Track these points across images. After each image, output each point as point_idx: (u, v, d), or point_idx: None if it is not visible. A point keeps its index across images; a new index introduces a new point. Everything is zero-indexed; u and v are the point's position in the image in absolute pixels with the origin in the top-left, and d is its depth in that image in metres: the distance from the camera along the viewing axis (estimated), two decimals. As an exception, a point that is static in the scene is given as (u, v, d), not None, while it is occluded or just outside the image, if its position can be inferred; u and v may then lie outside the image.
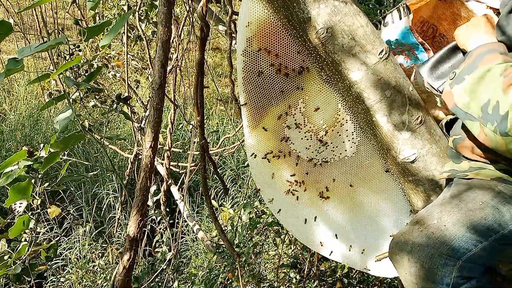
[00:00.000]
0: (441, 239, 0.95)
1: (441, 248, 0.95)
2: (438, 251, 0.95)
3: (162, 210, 2.82)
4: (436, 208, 1.03)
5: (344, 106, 1.26)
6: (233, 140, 4.21)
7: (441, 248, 0.95)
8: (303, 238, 1.47)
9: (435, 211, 1.02)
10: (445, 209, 1.00)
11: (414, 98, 1.14)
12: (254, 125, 1.32)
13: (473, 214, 0.96)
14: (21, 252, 1.43)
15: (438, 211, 1.01)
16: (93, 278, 2.97)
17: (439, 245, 0.95)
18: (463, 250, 0.94)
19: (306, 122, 1.31)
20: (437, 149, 1.16)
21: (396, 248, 1.04)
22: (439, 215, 0.99)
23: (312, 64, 1.21)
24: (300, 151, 1.35)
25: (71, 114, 1.18)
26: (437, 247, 0.95)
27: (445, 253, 0.94)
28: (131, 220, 1.02)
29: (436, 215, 1.00)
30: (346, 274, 2.30)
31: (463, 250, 0.94)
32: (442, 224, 0.97)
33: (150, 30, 2.78)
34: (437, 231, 0.97)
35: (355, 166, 1.36)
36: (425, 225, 0.99)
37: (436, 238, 0.96)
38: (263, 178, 1.39)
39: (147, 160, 1.02)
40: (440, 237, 0.96)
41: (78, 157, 4.12)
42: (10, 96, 5.14)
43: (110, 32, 1.05)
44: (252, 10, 1.15)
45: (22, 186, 1.21)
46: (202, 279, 2.51)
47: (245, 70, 1.23)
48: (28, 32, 5.77)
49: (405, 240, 1.01)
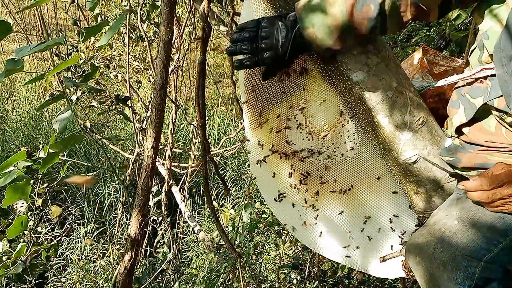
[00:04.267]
0: (463, 240, 0.94)
1: (464, 249, 0.93)
2: (461, 252, 0.94)
3: (163, 211, 2.82)
4: (453, 208, 1.01)
5: (345, 107, 1.26)
6: (234, 140, 4.21)
7: (464, 249, 0.93)
8: (303, 238, 1.47)
9: (453, 211, 1.00)
10: (463, 208, 0.99)
11: (416, 99, 1.14)
12: (255, 126, 1.32)
13: (490, 213, 0.96)
14: (20, 252, 1.43)
15: (455, 210, 1.00)
16: (94, 278, 2.97)
17: (462, 246, 0.94)
18: (484, 251, 0.93)
19: (307, 123, 1.31)
20: (439, 150, 1.16)
21: (415, 249, 1.02)
22: (459, 215, 0.98)
23: (314, 64, 1.21)
24: (301, 152, 1.35)
25: (71, 115, 1.18)
26: (460, 249, 0.94)
27: (468, 254, 0.93)
28: (132, 220, 1.02)
29: (455, 215, 0.99)
30: (347, 275, 2.29)
31: (484, 251, 0.93)
32: (463, 224, 0.96)
33: (151, 31, 2.78)
34: (459, 232, 0.96)
35: (356, 167, 1.36)
36: (446, 226, 0.98)
37: (459, 239, 0.95)
38: (264, 178, 1.39)
39: (149, 161, 1.02)
40: (463, 238, 0.94)
41: (79, 158, 4.13)
42: (12, 97, 5.15)
43: (108, 32, 1.05)
44: (254, 11, 1.15)
45: (19, 186, 1.19)
46: (203, 279, 2.51)
47: (246, 71, 1.23)
48: (30, 32, 5.78)
49: (426, 241, 1.00)
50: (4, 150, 4.22)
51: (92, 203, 3.83)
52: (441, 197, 1.17)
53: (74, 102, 1.63)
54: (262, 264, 2.63)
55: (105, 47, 3.00)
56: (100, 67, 3.06)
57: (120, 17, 1.05)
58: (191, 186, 3.88)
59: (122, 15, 1.05)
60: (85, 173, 3.94)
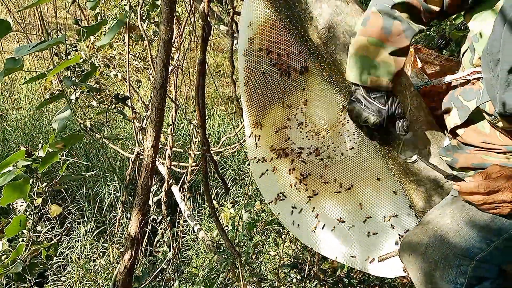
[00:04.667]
0: (455, 239, 0.94)
1: (456, 248, 0.94)
2: (452, 251, 0.94)
3: (163, 210, 2.82)
4: (447, 207, 1.02)
5: (345, 106, 1.26)
6: (234, 140, 4.21)
7: (455, 248, 0.94)
8: (303, 237, 1.47)
9: (447, 210, 1.00)
10: (457, 208, 0.99)
11: (415, 99, 1.14)
12: (255, 125, 1.32)
13: (484, 212, 0.96)
14: (19, 251, 1.42)
15: (449, 210, 1.00)
16: (94, 277, 2.97)
17: (454, 245, 0.94)
18: (476, 250, 0.93)
19: (308, 122, 1.31)
20: (438, 149, 1.16)
21: (408, 248, 1.03)
22: (452, 214, 0.98)
23: (314, 64, 1.21)
24: (302, 151, 1.35)
25: (70, 114, 1.18)
26: (452, 247, 0.94)
27: (460, 253, 0.93)
28: (132, 219, 1.02)
29: (449, 214, 0.99)
30: (347, 274, 2.29)
31: (476, 250, 0.93)
32: (455, 223, 0.96)
33: (151, 30, 2.78)
34: (451, 231, 0.96)
35: (356, 166, 1.36)
36: (438, 224, 0.98)
37: (451, 238, 0.95)
38: (264, 178, 1.39)
39: (149, 160, 1.02)
40: (455, 237, 0.95)
41: (79, 157, 4.13)
42: (12, 96, 5.15)
43: (109, 32, 1.05)
44: (254, 10, 1.15)
45: (17, 185, 1.18)
46: (203, 278, 2.51)
47: (246, 70, 1.23)
48: (30, 32, 5.78)
49: (419, 240, 1.00)
50: (4, 149, 4.22)
51: (92, 202, 3.83)
52: (440, 196, 1.17)
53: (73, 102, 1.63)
54: (262, 263, 2.63)
55: (105, 46, 3.00)
56: (100, 66, 3.05)
57: (121, 18, 1.05)
58: (191, 185, 3.88)
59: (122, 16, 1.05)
60: (84, 172, 3.94)
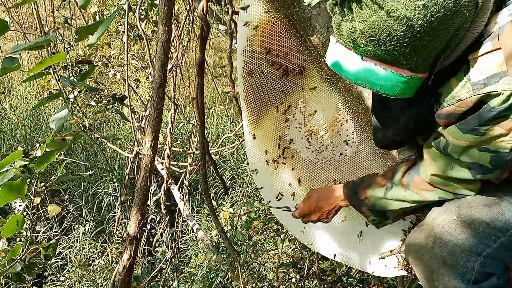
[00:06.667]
0: (462, 236, 0.95)
1: (463, 244, 0.94)
2: (460, 248, 0.94)
3: (162, 210, 2.81)
4: (453, 204, 1.02)
5: (344, 105, 1.26)
6: (233, 139, 4.21)
7: (463, 244, 0.94)
8: (302, 237, 1.47)
9: (452, 207, 1.01)
10: (462, 205, 0.99)
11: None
12: (254, 125, 1.32)
13: (489, 209, 0.96)
14: (16, 251, 1.41)
15: (455, 207, 1.00)
16: (93, 277, 2.96)
17: (462, 241, 0.94)
18: (483, 246, 0.93)
19: (306, 122, 1.31)
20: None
21: (414, 245, 1.03)
22: (458, 211, 0.98)
23: (313, 63, 1.21)
24: (300, 151, 1.35)
25: (67, 114, 1.17)
26: (459, 244, 0.94)
27: (467, 250, 0.94)
28: (131, 219, 1.02)
29: (454, 211, 0.99)
30: (346, 273, 2.29)
31: (483, 246, 0.93)
32: (462, 220, 0.96)
33: (150, 29, 2.77)
34: (459, 228, 0.96)
35: (355, 165, 1.36)
36: (444, 221, 0.99)
37: (458, 235, 0.95)
38: (263, 177, 1.39)
39: (147, 160, 1.02)
40: (462, 233, 0.95)
41: (77, 157, 4.12)
42: (11, 95, 5.14)
43: (98, 30, 1.03)
44: (252, 10, 1.15)
45: (14, 185, 1.18)
46: (202, 278, 2.51)
47: (245, 69, 1.23)
48: (28, 31, 5.77)
49: (425, 237, 1.00)
50: (3, 149, 4.21)
51: (91, 202, 3.82)
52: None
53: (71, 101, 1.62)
54: (261, 262, 2.63)
55: (104, 46, 2.99)
56: (99, 66, 3.05)
57: (110, 15, 1.03)
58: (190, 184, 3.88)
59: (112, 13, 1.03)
60: (83, 172, 3.93)
